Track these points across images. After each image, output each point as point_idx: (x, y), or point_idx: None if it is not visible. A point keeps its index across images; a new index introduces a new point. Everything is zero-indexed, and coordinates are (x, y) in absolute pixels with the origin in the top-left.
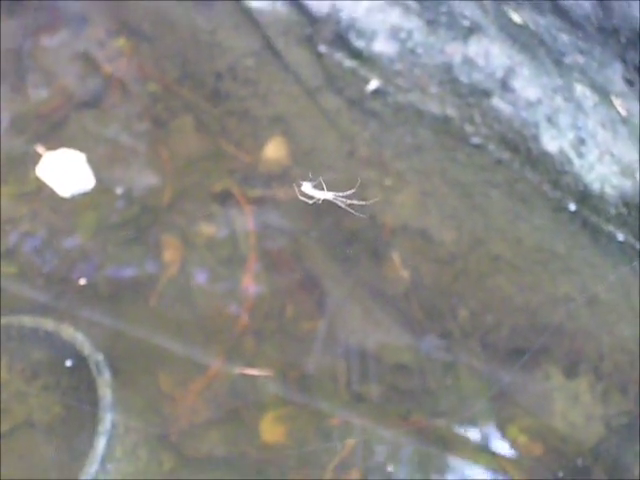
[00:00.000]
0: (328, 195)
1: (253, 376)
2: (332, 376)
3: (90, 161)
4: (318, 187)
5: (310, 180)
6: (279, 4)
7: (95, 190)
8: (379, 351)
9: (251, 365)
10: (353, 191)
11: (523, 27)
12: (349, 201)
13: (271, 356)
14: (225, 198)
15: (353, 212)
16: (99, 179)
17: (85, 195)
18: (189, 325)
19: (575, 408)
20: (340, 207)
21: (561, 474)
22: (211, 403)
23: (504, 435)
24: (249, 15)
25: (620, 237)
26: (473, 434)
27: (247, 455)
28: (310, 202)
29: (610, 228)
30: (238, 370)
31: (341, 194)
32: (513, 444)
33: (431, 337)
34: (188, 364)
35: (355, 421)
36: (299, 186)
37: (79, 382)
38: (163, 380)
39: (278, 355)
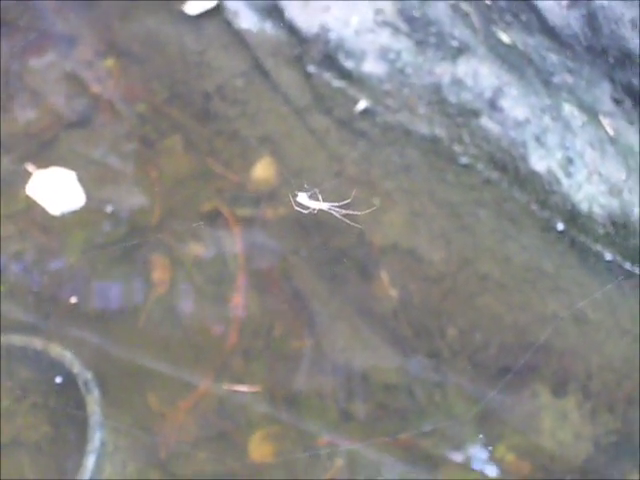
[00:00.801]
0: (323, 205)
1: (242, 395)
2: (320, 395)
3: (80, 180)
4: (313, 198)
5: (305, 191)
6: (268, 25)
7: (85, 208)
8: (367, 370)
9: (239, 384)
10: (348, 201)
11: (512, 47)
12: (344, 211)
13: (259, 375)
14: (214, 217)
15: (348, 222)
16: (89, 198)
17: (75, 213)
18: (177, 344)
19: (563, 426)
20: (329, 226)
21: None
22: (200, 422)
23: (492, 454)
24: (238, 36)
25: (608, 256)
26: (461, 453)
27: (235, 474)
28: (305, 212)
29: (598, 247)
30: (226, 387)
31: (336, 204)
32: (501, 463)
33: (419, 356)
34: (177, 383)
35: (343, 440)
36: (295, 197)
37: (68, 401)
38: (152, 399)
39: (266, 374)
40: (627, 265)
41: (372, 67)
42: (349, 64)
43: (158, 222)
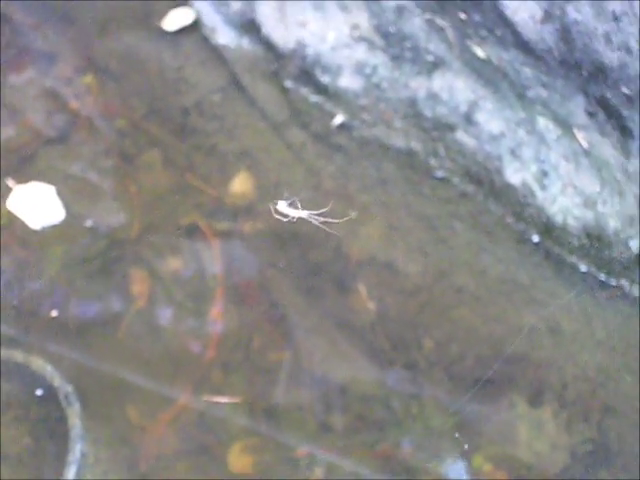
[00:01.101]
0: (302, 214)
1: (221, 407)
2: (299, 406)
3: (59, 194)
4: (293, 206)
5: (286, 199)
6: (245, 40)
7: (64, 223)
8: (345, 382)
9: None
10: (326, 210)
11: (487, 61)
12: (322, 219)
13: (238, 387)
14: (192, 231)
15: (326, 232)
16: (68, 212)
17: (55, 227)
18: (157, 357)
19: (540, 436)
20: (306, 239)
21: None
22: (179, 434)
23: (469, 464)
24: (215, 51)
25: (583, 268)
26: (438, 463)
27: None
28: (285, 220)
29: (573, 259)
30: (206, 398)
31: (315, 212)
32: (478, 473)
33: (397, 368)
34: (156, 396)
35: (322, 451)
36: (274, 205)
37: (49, 413)
38: (132, 411)
39: (245, 386)
40: (602, 276)
41: (348, 82)
42: (326, 79)
43: (137, 236)
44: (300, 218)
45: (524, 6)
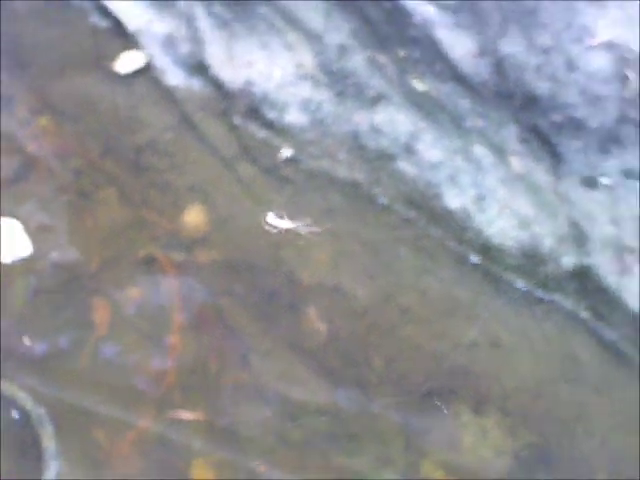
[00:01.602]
0: (290, 224)
1: (183, 427)
2: (257, 423)
3: (26, 230)
4: (280, 218)
5: (274, 212)
6: (195, 81)
7: (31, 257)
8: (300, 399)
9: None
10: (309, 221)
11: (426, 95)
12: (308, 229)
13: (199, 407)
14: (150, 263)
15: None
16: (34, 247)
17: (23, 261)
18: (119, 382)
19: (484, 443)
20: (259, 268)
21: None
22: (143, 453)
23: (420, 472)
24: (167, 92)
25: (520, 285)
26: (391, 472)
27: None
28: (274, 231)
29: (510, 277)
30: (170, 415)
31: (300, 223)
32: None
33: (348, 385)
34: (121, 419)
35: (280, 466)
36: (265, 216)
37: (23, 437)
38: (99, 434)
39: (205, 407)
40: (538, 292)
41: (295, 118)
42: (273, 115)
43: (97, 269)
44: (287, 229)
45: (460, 42)
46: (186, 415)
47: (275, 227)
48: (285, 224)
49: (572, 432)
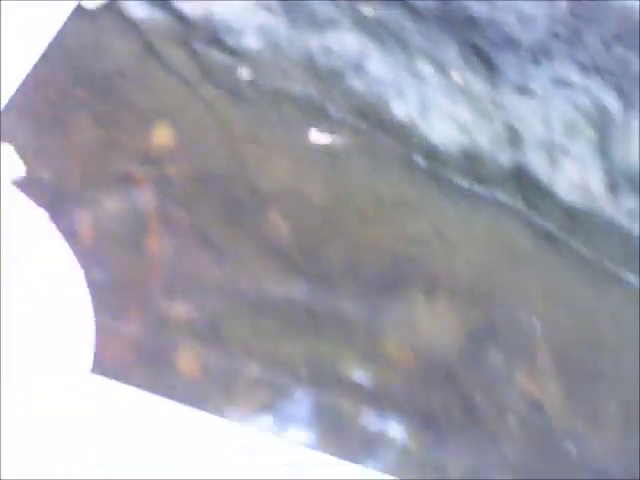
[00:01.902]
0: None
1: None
2: (235, 318)
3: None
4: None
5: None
6: (157, 13)
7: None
8: (272, 294)
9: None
10: None
11: (374, 19)
12: None
13: (180, 304)
14: (125, 179)
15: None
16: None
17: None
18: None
19: (437, 324)
20: (224, 178)
21: (431, 380)
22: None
23: (378, 350)
24: (131, 24)
25: (463, 184)
26: (352, 352)
27: None
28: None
29: (454, 177)
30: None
31: None
32: (388, 356)
33: (313, 278)
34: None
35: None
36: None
37: None
38: None
39: (188, 303)
40: (479, 189)
41: (252, 42)
42: (231, 41)
43: (79, 186)
44: None
45: None
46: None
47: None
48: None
49: (513, 310)
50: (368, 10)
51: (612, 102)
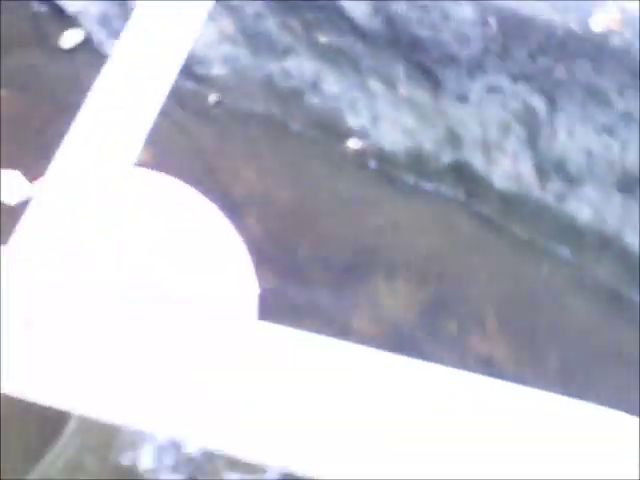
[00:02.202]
0: None
1: None
2: None
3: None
4: None
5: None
6: None
7: None
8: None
9: None
10: None
11: (328, 45)
12: None
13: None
14: None
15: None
16: None
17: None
18: None
19: (396, 301)
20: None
21: (398, 349)
22: None
23: (350, 326)
24: (105, 60)
25: (410, 181)
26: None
27: None
28: None
29: (403, 175)
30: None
31: None
32: (358, 331)
33: (283, 267)
34: None
35: None
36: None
37: None
38: None
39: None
40: (425, 185)
41: (219, 70)
42: (201, 71)
43: None
44: None
45: (359, 6)
46: None
47: None
48: None
49: (462, 285)
50: (322, 37)
51: (539, 104)
